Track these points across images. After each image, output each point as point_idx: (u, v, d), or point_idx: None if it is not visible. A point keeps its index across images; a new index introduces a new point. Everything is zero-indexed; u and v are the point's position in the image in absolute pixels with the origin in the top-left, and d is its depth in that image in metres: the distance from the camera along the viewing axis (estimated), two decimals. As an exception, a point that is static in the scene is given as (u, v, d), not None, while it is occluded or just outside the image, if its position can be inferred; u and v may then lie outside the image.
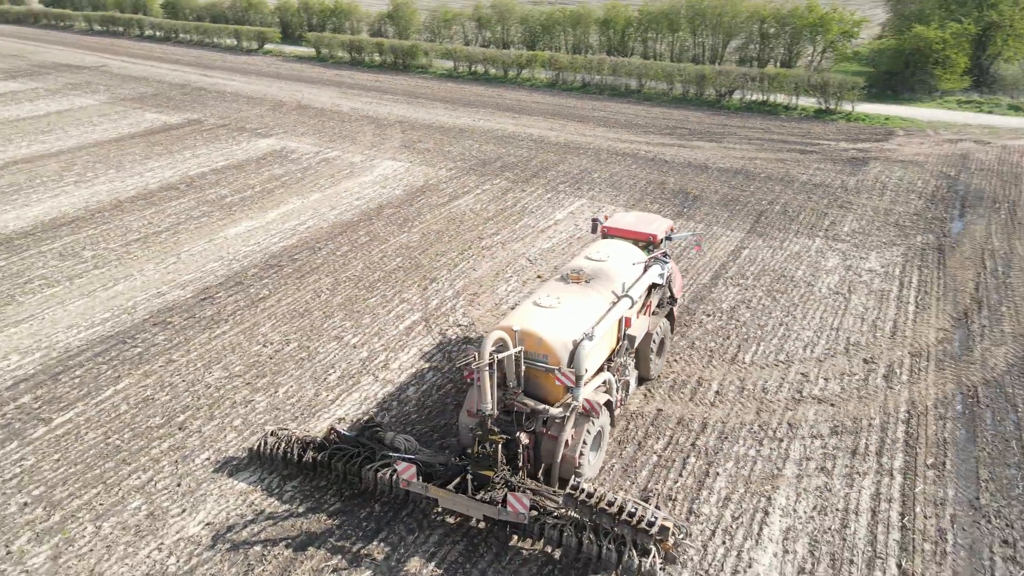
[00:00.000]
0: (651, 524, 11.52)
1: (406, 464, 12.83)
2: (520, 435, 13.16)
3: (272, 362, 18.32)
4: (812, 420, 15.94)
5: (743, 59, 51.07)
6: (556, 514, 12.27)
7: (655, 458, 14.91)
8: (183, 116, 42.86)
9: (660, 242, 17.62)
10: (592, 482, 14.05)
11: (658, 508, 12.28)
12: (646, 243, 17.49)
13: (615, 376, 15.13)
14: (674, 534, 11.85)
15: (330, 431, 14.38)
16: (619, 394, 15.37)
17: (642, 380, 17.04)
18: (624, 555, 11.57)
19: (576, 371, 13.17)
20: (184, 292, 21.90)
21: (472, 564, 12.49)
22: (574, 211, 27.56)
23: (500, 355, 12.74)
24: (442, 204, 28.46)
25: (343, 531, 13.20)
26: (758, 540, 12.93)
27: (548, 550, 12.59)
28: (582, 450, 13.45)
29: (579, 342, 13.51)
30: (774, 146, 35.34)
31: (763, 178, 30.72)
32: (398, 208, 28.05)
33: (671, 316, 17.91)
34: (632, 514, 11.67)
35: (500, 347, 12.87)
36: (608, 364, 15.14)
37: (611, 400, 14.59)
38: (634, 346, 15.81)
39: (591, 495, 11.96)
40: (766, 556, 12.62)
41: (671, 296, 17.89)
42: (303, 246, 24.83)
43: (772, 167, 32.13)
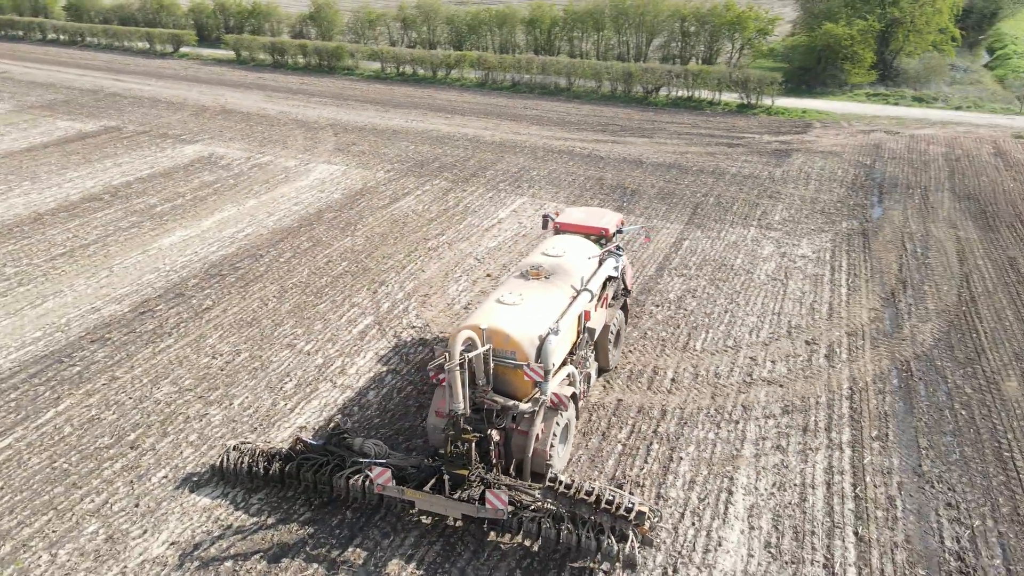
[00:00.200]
0: (629, 510, 11.82)
1: (380, 469, 12.75)
2: (491, 432, 13.26)
3: (224, 374, 17.83)
4: (764, 401, 16.62)
5: (666, 57, 52.43)
6: (533, 507, 12.44)
7: (620, 447, 15.25)
8: (99, 123, 41.02)
9: (612, 236, 18.03)
10: (563, 473, 14.25)
11: (632, 494, 12.60)
12: (598, 237, 17.86)
13: (577, 369, 15.40)
14: (649, 518, 12.19)
15: (296, 441, 14.14)
16: (582, 386, 15.64)
17: (601, 371, 17.39)
18: (603, 542, 11.82)
19: (544, 366, 13.37)
20: (121, 306, 21.04)
21: (451, 563, 12.52)
22: (517, 209, 27.79)
23: (470, 354, 12.81)
24: (383, 207, 28.22)
25: (316, 540, 13.02)
26: (725, 519, 13.42)
27: (526, 544, 12.75)
28: (552, 443, 13.65)
29: (545, 337, 13.73)
30: (702, 140, 36.48)
31: (695, 171, 31.68)
32: (339, 212, 27.67)
33: (625, 307, 18.33)
34: (610, 502, 11.94)
35: (468, 346, 12.94)
36: (570, 357, 15.40)
37: (576, 392, 14.85)
38: (594, 338, 16.12)
39: (569, 486, 12.17)
40: (733, 534, 13.11)
41: (625, 288, 18.32)
42: (244, 254, 24.20)
43: (703, 160, 33.16)
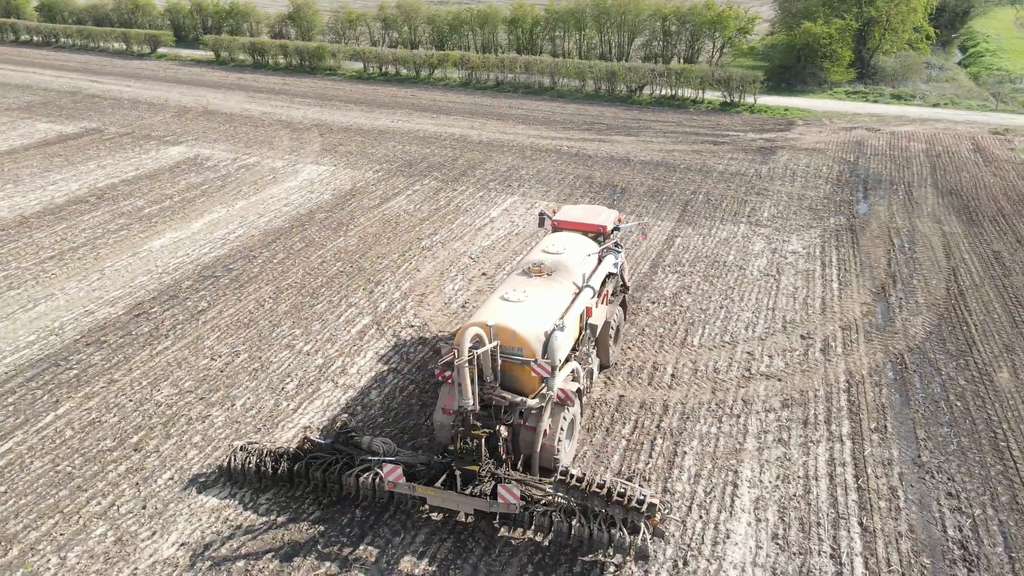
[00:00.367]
0: (641, 502, 11.96)
1: (391, 466, 12.78)
2: (500, 428, 13.35)
3: (224, 375, 17.72)
4: (763, 395, 16.86)
5: (648, 56, 52.79)
6: (544, 501, 12.53)
7: (624, 442, 15.40)
8: (79, 125, 40.46)
9: (609, 233, 18.18)
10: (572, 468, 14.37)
11: (641, 487, 12.74)
12: (596, 234, 17.99)
13: (580, 364, 15.52)
14: (660, 510, 12.34)
15: (303, 440, 14.11)
16: (585, 382, 15.77)
17: (602, 367, 17.52)
18: (615, 535, 11.94)
19: (551, 361, 13.49)
20: (114, 309, 20.82)
21: (463, 559, 12.58)
22: (508, 208, 27.87)
23: (479, 351, 12.88)
24: (374, 207, 28.17)
25: (327, 539, 13.01)
26: (731, 512, 13.60)
27: (537, 539, 12.84)
28: (560, 438, 13.76)
29: (551, 333, 13.85)
30: (688, 138, 36.81)
31: (683, 169, 31.97)
32: (330, 212, 27.57)
33: (624, 304, 18.49)
34: (622, 494, 12.07)
35: (476, 343, 13.02)
36: (573, 354, 15.53)
37: (580, 388, 14.97)
38: (595, 335, 16.26)
39: (581, 479, 12.29)
40: (741, 526, 13.30)
41: (623, 284, 18.48)
42: (237, 255, 24.04)
43: (690, 158, 33.47)
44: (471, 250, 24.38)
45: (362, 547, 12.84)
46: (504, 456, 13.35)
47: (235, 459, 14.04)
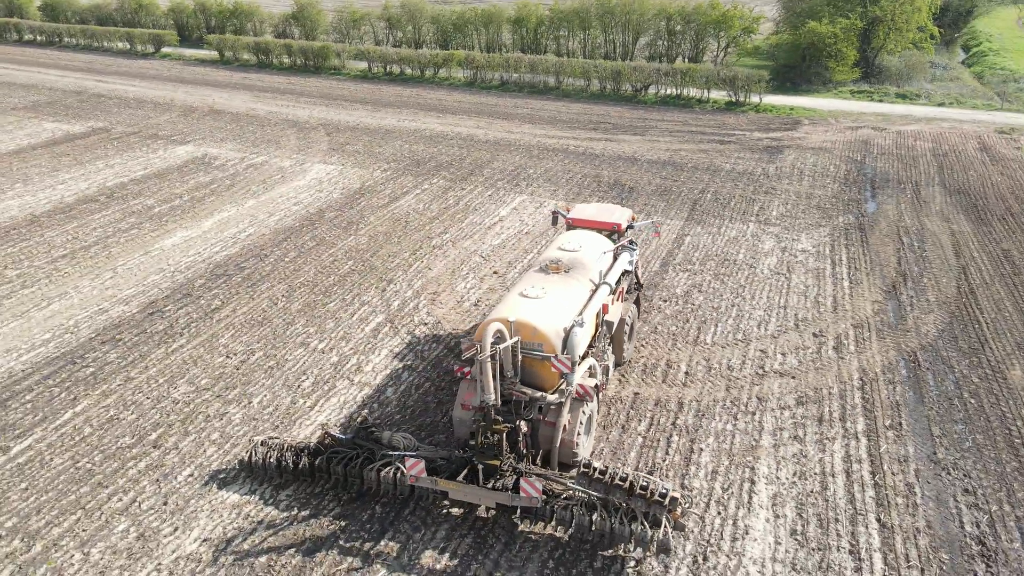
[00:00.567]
0: (663, 495, 12.04)
1: (413, 460, 12.86)
2: (520, 423, 13.42)
3: (240, 373, 17.79)
4: (778, 393, 16.93)
5: (652, 55, 52.87)
6: (565, 495, 12.61)
7: (640, 439, 15.47)
8: (86, 125, 40.51)
9: (624, 230, 18.27)
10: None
11: (662, 480, 12.81)
12: (610, 232, 18.09)
13: (597, 361, 15.60)
14: (681, 504, 12.41)
15: (324, 435, 14.18)
16: (602, 378, 15.85)
17: (616, 364, 17.60)
18: (636, 528, 12.01)
19: (571, 357, 13.57)
20: (129, 307, 20.89)
21: (484, 554, 12.65)
22: (517, 207, 27.94)
23: (500, 346, 12.97)
24: (384, 205, 28.24)
25: (348, 534, 13.09)
26: (750, 508, 13.68)
27: (557, 534, 12.92)
28: (579, 432, 13.85)
29: (570, 329, 13.94)
30: (694, 137, 36.89)
31: (691, 168, 32.05)
32: (340, 211, 27.64)
33: (638, 301, 18.57)
34: (644, 487, 12.14)
35: (498, 339, 13.10)
36: (590, 350, 15.60)
37: (598, 384, 15.05)
38: (612, 331, 16.33)
39: (604, 472, 12.37)
40: (759, 522, 13.37)
41: (637, 282, 18.56)
42: (248, 254, 24.11)
43: (697, 157, 33.55)
44: (482, 248, 24.45)
45: (383, 542, 12.91)
46: (524, 451, 13.43)
47: (255, 454, 14.11)
